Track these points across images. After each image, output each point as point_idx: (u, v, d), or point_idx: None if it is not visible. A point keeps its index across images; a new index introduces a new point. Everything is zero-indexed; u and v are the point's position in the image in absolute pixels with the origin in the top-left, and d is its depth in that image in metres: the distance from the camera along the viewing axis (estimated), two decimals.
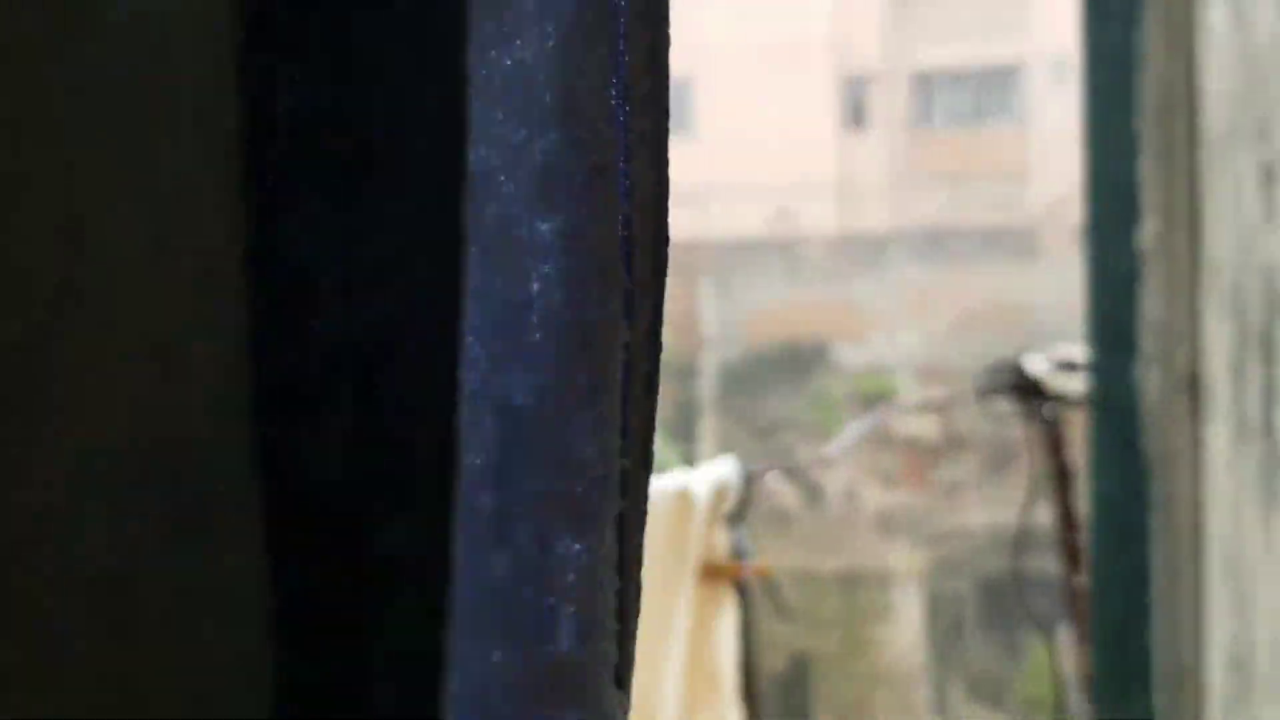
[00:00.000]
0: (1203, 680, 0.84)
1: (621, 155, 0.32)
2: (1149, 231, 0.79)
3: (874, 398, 23.29)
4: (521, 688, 0.31)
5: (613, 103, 0.32)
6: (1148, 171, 0.79)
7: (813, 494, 20.91)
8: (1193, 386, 0.81)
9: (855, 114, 27.51)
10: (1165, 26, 0.79)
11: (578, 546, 0.31)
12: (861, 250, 24.27)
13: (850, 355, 23.68)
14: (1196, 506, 0.83)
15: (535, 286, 0.31)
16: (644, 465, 0.34)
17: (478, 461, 0.30)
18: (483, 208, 0.31)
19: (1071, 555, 1.91)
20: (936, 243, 24.06)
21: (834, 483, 21.59)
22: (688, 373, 22.81)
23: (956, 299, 23.49)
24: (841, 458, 2.18)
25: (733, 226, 25.48)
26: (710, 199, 26.48)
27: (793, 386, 22.51)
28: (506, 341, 0.31)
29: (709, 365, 22.23)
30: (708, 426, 21.06)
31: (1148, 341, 0.80)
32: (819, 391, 22.45)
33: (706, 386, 21.65)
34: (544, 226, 0.31)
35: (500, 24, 0.31)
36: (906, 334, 23.39)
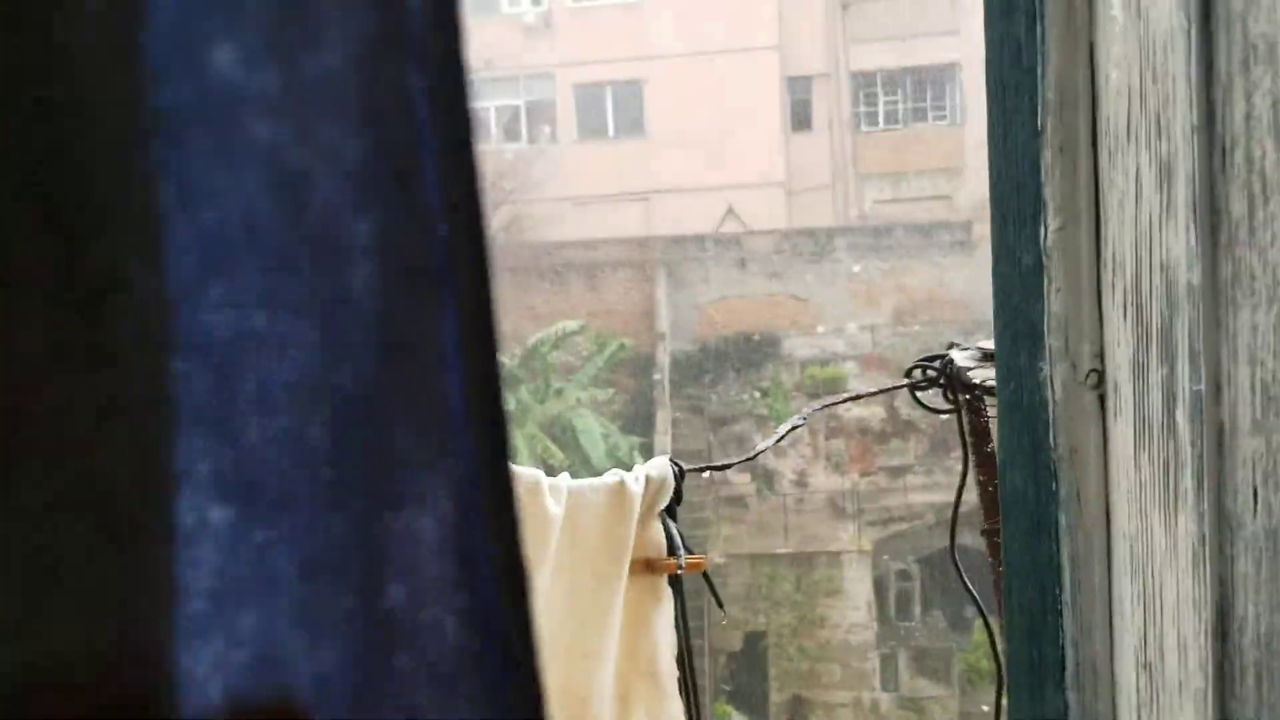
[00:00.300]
0: (1116, 679, 0.84)
1: (431, 159, 0.33)
2: (1051, 227, 0.78)
3: (823, 386, 23.49)
4: (366, 656, 0.33)
5: (417, 109, 0.32)
6: (1049, 167, 0.79)
7: (768, 479, 20.97)
8: (1098, 384, 0.80)
9: (800, 115, 27.63)
10: (1066, 18, 0.79)
11: (403, 523, 0.33)
12: (808, 245, 24.40)
13: (799, 346, 23.81)
14: (1104, 504, 0.82)
15: (355, 285, 0.32)
16: (493, 451, 0.35)
17: (313, 446, 0.32)
18: (301, 209, 0.32)
19: (995, 543, 1.93)
20: (878, 237, 24.24)
21: (786, 469, 21.72)
22: (645, 366, 22.79)
23: (898, 291, 23.71)
24: (785, 447, 2.19)
25: (684, 224, 25.48)
26: (661, 197, 26.46)
27: (745, 377, 22.56)
28: (329, 336, 0.32)
29: (664, 358, 22.19)
30: (664, 417, 21.02)
31: (1053, 338, 0.80)
32: (771, 381, 22.52)
33: (662, 379, 21.61)
34: (360, 227, 0.32)
35: (304, 31, 0.32)
36: (851, 325, 23.52)
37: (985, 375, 1.82)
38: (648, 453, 18.30)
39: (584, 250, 23.73)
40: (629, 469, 1.87)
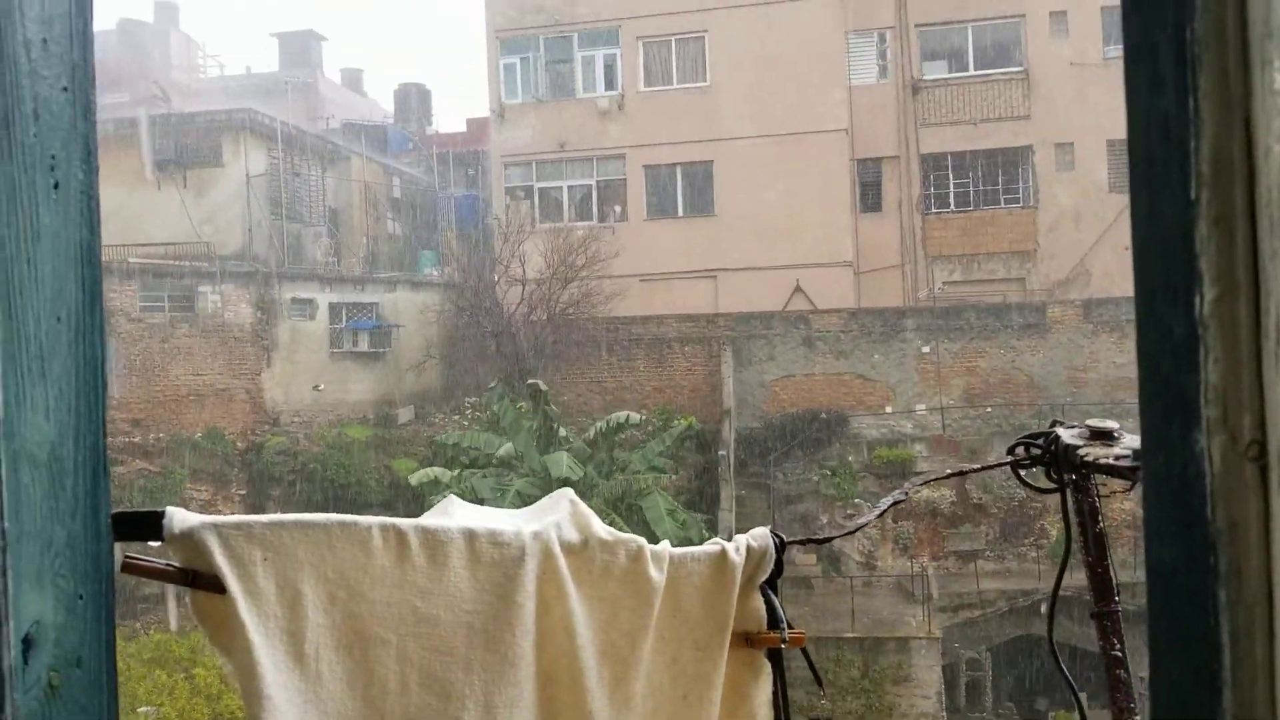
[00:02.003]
0: None
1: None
2: (1208, 298, 0.78)
3: (892, 468, 23.17)
4: None
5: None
6: (1204, 239, 0.78)
7: (835, 561, 20.68)
8: (1260, 455, 0.79)
9: (869, 196, 27.82)
10: (1220, 93, 0.79)
11: None
12: (876, 325, 24.29)
13: (867, 426, 23.59)
14: (1267, 578, 0.81)
15: None
16: None
17: None
18: None
19: (1108, 625, 1.87)
20: (948, 318, 24.11)
21: (853, 551, 21.40)
22: (710, 442, 22.72)
23: (969, 372, 23.44)
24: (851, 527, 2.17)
25: (752, 301, 25.63)
26: (729, 275, 26.73)
27: (811, 456, 22.35)
28: None
29: (729, 435, 22.11)
30: (729, 495, 20.87)
31: (1210, 409, 0.79)
32: (838, 461, 22.29)
33: (728, 455, 21.52)
34: None
35: None
36: (921, 406, 23.29)
37: (1096, 453, 1.78)
38: (712, 530, 18.13)
39: (651, 326, 23.88)
40: (724, 542, 1.85)
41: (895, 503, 1.92)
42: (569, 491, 1.80)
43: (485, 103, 28.49)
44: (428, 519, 1.63)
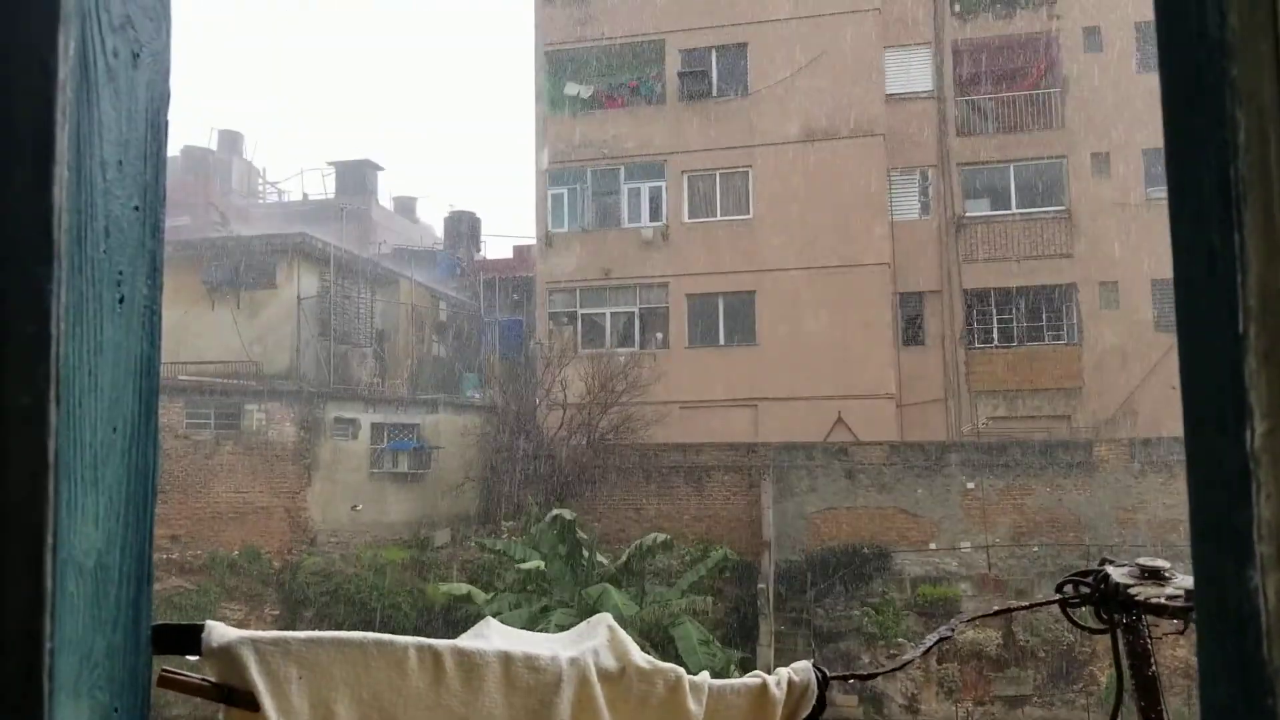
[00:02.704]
0: None
1: None
2: (1259, 431, 0.77)
3: (936, 606, 22.58)
4: None
5: None
6: (1254, 372, 0.78)
7: (876, 702, 20.03)
8: None
9: (911, 329, 27.93)
10: (1266, 228, 0.80)
11: None
12: (919, 459, 24.02)
13: (911, 563, 23.09)
14: None
15: None
16: None
17: None
18: None
19: None
20: (993, 454, 23.78)
21: (895, 693, 20.73)
22: (748, 575, 22.31)
23: (1015, 510, 23.00)
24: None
25: (793, 431, 25.49)
26: (770, 405, 26.68)
27: (853, 592, 21.84)
28: None
29: (769, 567, 21.72)
30: (767, 629, 20.37)
31: (1264, 545, 0.77)
32: (880, 598, 21.77)
33: (766, 589, 21.08)
34: None
35: None
36: (966, 543, 22.81)
37: (1147, 592, 1.73)
38: (748, 666, 17.66)
39: (691, 454, 23.77)
40: (766, 675, 1.80)
41: (940, 640, 1.87)
42: (607, 617, 1.78)
43: (533, 230, 29.16)
44: (464, 640, 1.61)
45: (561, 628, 15.87)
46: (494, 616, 2.22)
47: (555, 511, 18.81)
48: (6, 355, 0.91)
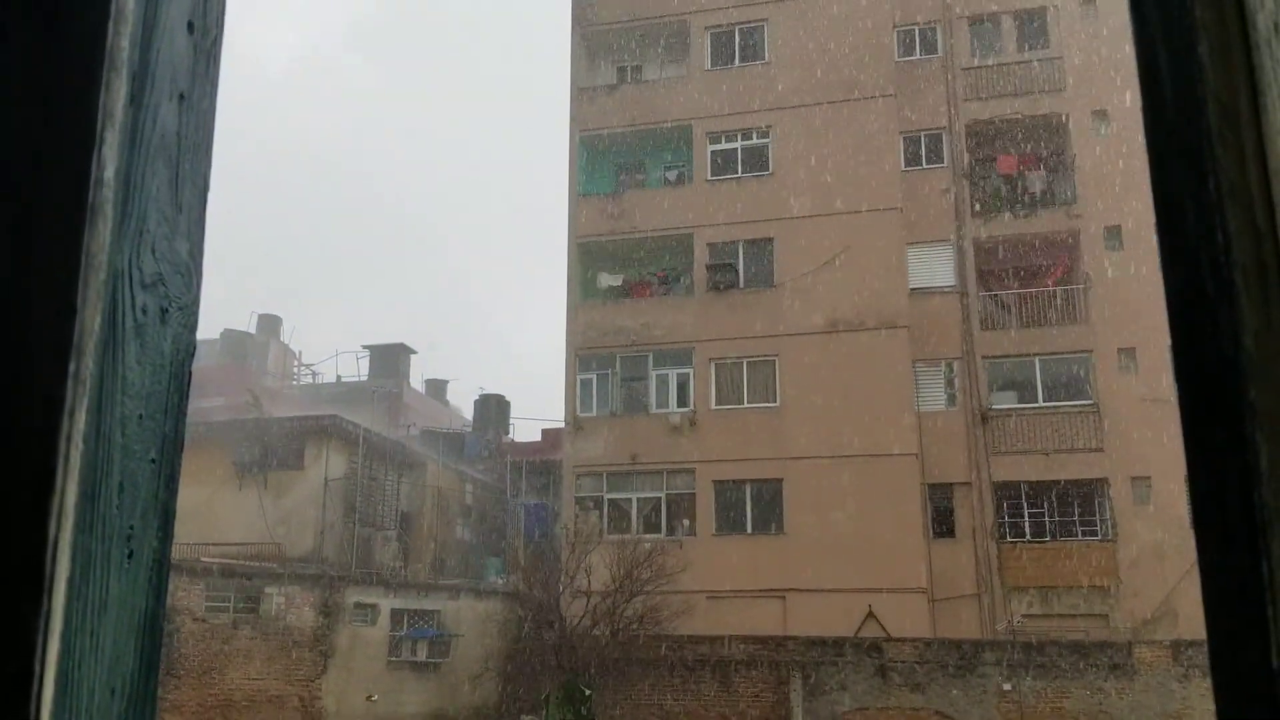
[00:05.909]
0: None
1: None
2: None
3: None
4: None
5: None
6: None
7: None
8: None
9: (941, 522, 27.48)
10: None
11: None
12: (953, 657, 23.26)
13: None
14: None
15: None
16: None
17: None
18: None
19: None
20: (1029, 654, 23.02)
21: None
22: None
23: (1054, 713, 22.09)
24: None
25: (822, 625, 24.81)
26: (798, 596, 26.12)
27: None
28: None
29: None
30: None
31: None
32: None
33: None
34: None
35: None
36: None
37: None
38: None
39: (718, 647, 23.13)
40: None
41: None
42: None
43: (561, 414, 29.34)
44: None
45: None
46: None
47: (569, 679, 18.27)
48: (3, 620, 0.89)
